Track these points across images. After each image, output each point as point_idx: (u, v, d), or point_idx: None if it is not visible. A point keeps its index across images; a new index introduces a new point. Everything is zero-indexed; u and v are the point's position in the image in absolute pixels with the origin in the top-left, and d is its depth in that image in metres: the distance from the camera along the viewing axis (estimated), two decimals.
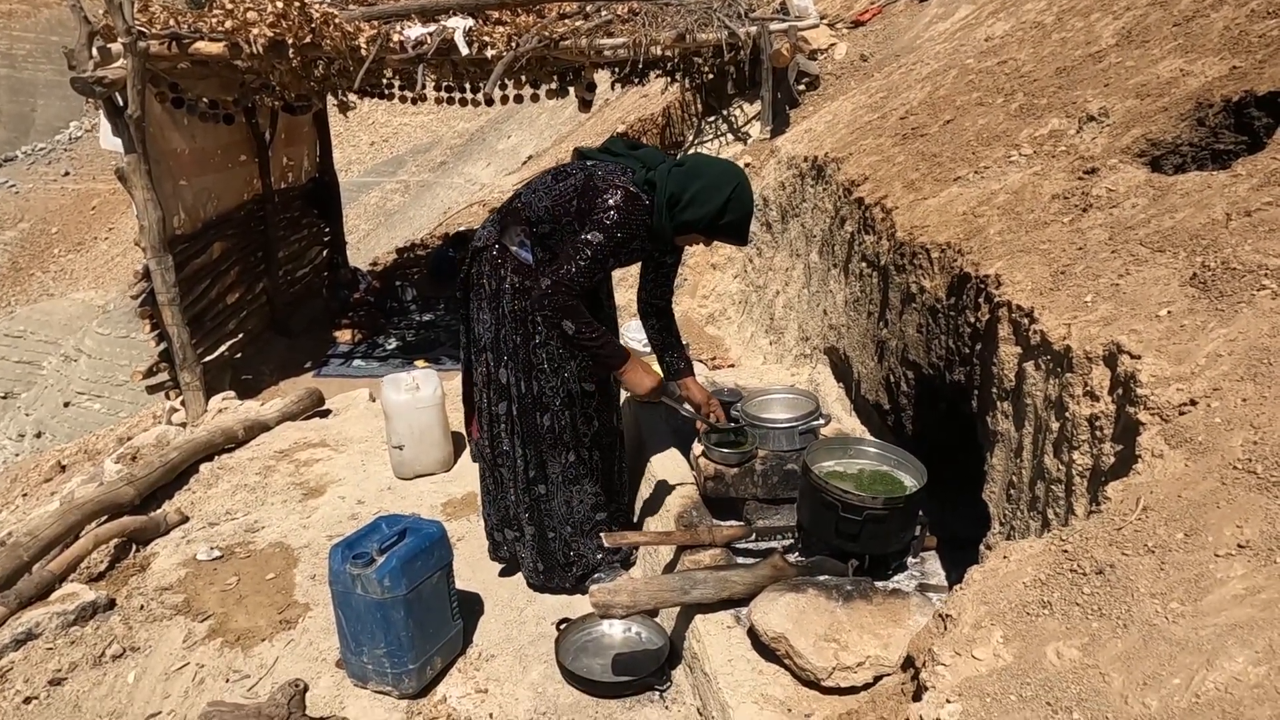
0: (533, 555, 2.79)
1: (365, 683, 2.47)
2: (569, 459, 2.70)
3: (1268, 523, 1.14)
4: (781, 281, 4.37)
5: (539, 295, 2.33)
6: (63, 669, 2.67)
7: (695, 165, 2.39)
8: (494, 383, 2.62)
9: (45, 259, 27.86)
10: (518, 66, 5.35)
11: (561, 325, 2.32)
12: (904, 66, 4.75)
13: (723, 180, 2.33)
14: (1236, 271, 1.59)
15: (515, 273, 2.51)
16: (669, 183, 2.34)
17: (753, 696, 1.98)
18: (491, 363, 2.61)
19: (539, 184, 2.51)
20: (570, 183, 2.43)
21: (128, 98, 4.86)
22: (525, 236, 2.50)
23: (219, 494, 3.83)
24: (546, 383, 2.61)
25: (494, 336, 2.58)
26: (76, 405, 16.48)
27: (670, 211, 2.35)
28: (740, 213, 2.35)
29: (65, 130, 33.44)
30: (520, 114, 21.80)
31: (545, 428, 2.64)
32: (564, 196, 2.42)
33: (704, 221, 2.35)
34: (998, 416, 2.05)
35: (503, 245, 2.53)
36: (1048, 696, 1.10)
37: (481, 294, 2.58)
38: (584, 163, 2.50)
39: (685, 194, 2.33)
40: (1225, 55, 2.40)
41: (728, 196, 2.31)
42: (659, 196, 2.34)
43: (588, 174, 2.42)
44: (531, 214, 2.48)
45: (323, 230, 8.62)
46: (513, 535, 2.80)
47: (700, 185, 2.33)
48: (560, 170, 2.50)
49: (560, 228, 2.45)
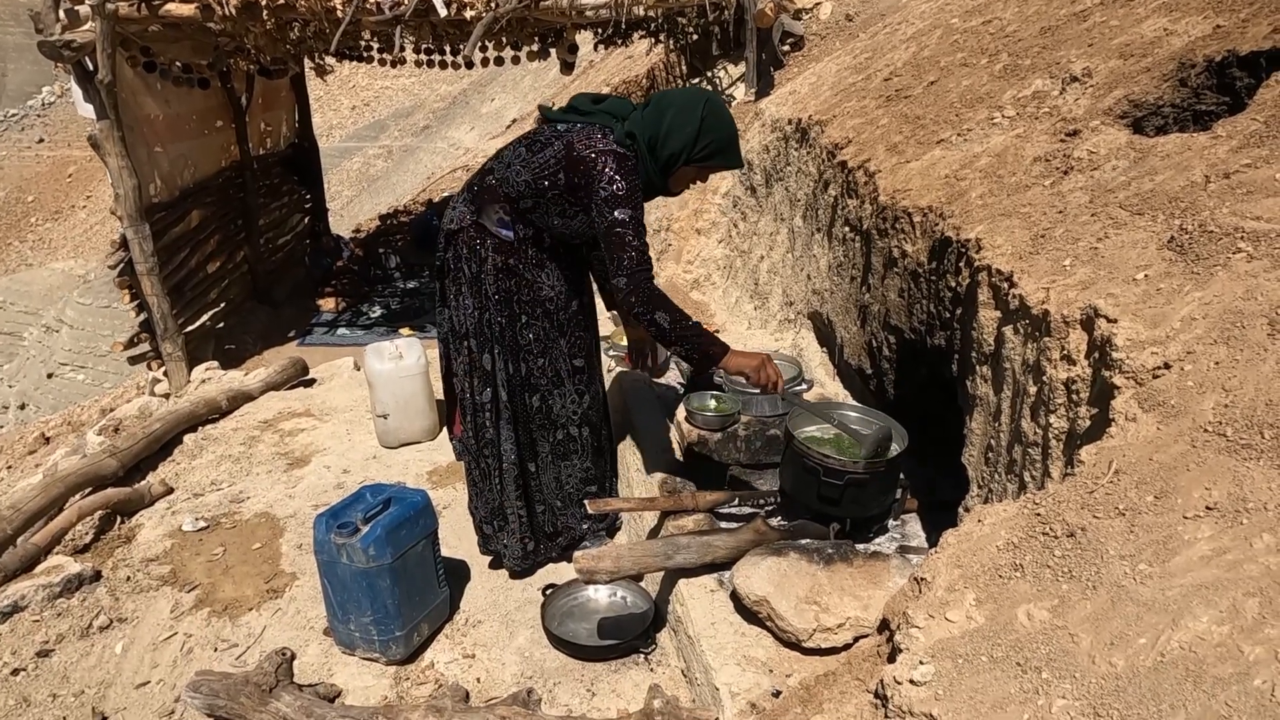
0: (520, 538, 2.71)
1: (353, 650, 2.50)
2: (558, 436, 2.68)
3: (1235, 485, 1.16)
4: (766, 246, 4.35)
5: (620, 298, 2.23)
6: (50, 641, 2.69)
7: (660, 100, 2.30)
8: (477, 369, 2.54)
9: (22, 228, 27.38)
10: (497, 28, 5.23)
11: (655, 318, 2.20)
12: (889, 26, 4.69)
13: (691, 103, 2.26)
14: (1213, 234, 1.60)
15: (497, 252, 2.43)
16: (644, 128, 2.26)
17: (735, 658, 2.01)
18: (474, 348, 2.52)
19: (511, 157, 2.38)
20: (549, 153, 2.30)
21: (98, 62, 4.74)
22: (505, 214, 2.41)
23: (203, 465, 3.82)
24: (534, 363, 2.56)
25: (477, 321, 2.49)
26: (59, 376, 16.34)
27: (653, 155, 2.28)
28: (720, 131, 2.27)
29: (38, 96, 32.66)
30: (504, 77, 21.46)
31: (535, 409, 2.61)
32: (545, 168, 2.30)
33: (685, 150, 2.26)
34: (977, 380, 2.06)
35: (480, 225, 2.44)
36: (1018, 657, 1.12)
37: (461, 278, 2.48)
38: (555, 128, 2.36)
39: (660, 130, 2.25)
40: (1209, 14, 2.37)
41: (701, 116, 2.24)
42: (640, 146, 2.26)
43: (565, 142, 2.29)
44: (510, 190, 2.37)
45: (304, 197, 8.51)
46: (499, 526, 2.72)
47: (671, 115, 2.25)
48: (532, 140, 2.37)
49: (545, 201, 2.35)
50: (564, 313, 2.56)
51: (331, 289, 7.79)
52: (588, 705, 2.27)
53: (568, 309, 2.57)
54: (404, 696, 2.36)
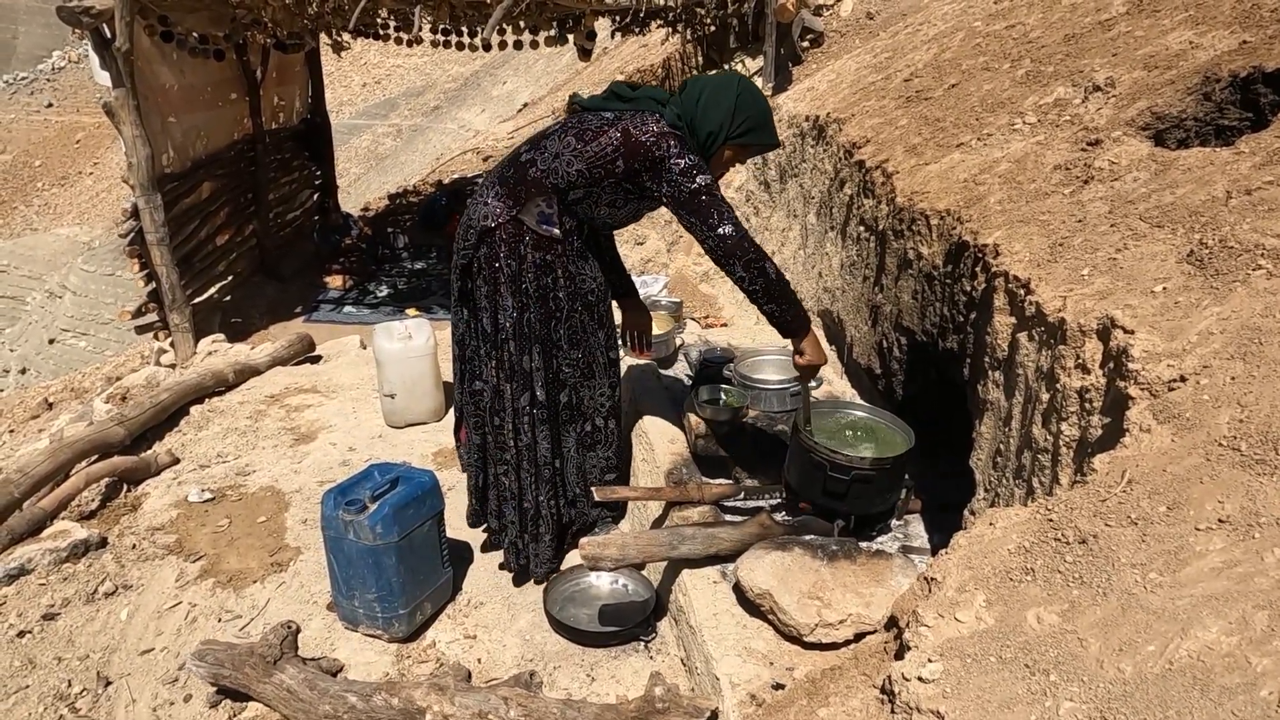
0: (551, 541, 2.66)
1: (356, 626, 2.52)
2: (585, 428, 2.65)
3: (1248, 499, 1.17)
4: (778, 242, 4.36)
5: (732, 244, 2.21)
6: (56, 604, 2.71)
7: (693, 83, 2.35)
8: (518, 373, 2.46)
9: (28, 192, 27.32)
10: (517, 11, 5.23)
11: (765, 267, 2.23)
12: (910, 26, 4.68)
13: (724, 84, 2.32)
14: (1233, 250, 1.61)
15: (536, 249, 2.37)
16: (684, 110, 2.31)
17: (736, 649, 2.03)
18: (514, 351, 2.44)
19: (559, 148, 2.32)
20: (604, 141, 2.27)
21: (115, 29, 4.73)
22: (549, 206, 2.34)
23: (209, 436, 3.84)
24: (564, 359, 2.52)
25: (517, 321, 2.41)
26: (61, 342, 16.34)
27: (694, 136, 2.32)
28: (755, 108, 2.32)
29: (48, 60, 32.50)
30: (516, 60, 21.36)
31: (563, 404, 2.58)
32: (602, 157, 2.27)
33: (723, 127, 2.31)
34: (988, 385, 2.07)
35: (518, 220, 2.35)
36: (1026, 659, 1.13)
37: (499, 277, 2.38)
38: (602, 116, 2.33)
39: (697, 109, 2.30)
40: (1236, 29, 2.38)
41: (736, 94, 2.30)
42: (684, 129, 2.30)
43: (621, 129, 2.26)
44: (559, 180, 2.31)
45: (313, 173, 8.49)
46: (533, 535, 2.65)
47: (707, 94, 2.31)
48: (581, 129, 2.31)
49: (598, 189, 2.32)
50: (603, 304, 2.57)
51: (339, 266, 7.79)
52: (587, 690, 2.29)
53: (605, 300, 2.59)
54: (405, 674, 2.39)
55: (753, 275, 2.24)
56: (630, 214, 2.45)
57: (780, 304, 2.28)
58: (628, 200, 2.38)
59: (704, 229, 2.24)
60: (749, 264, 2.23)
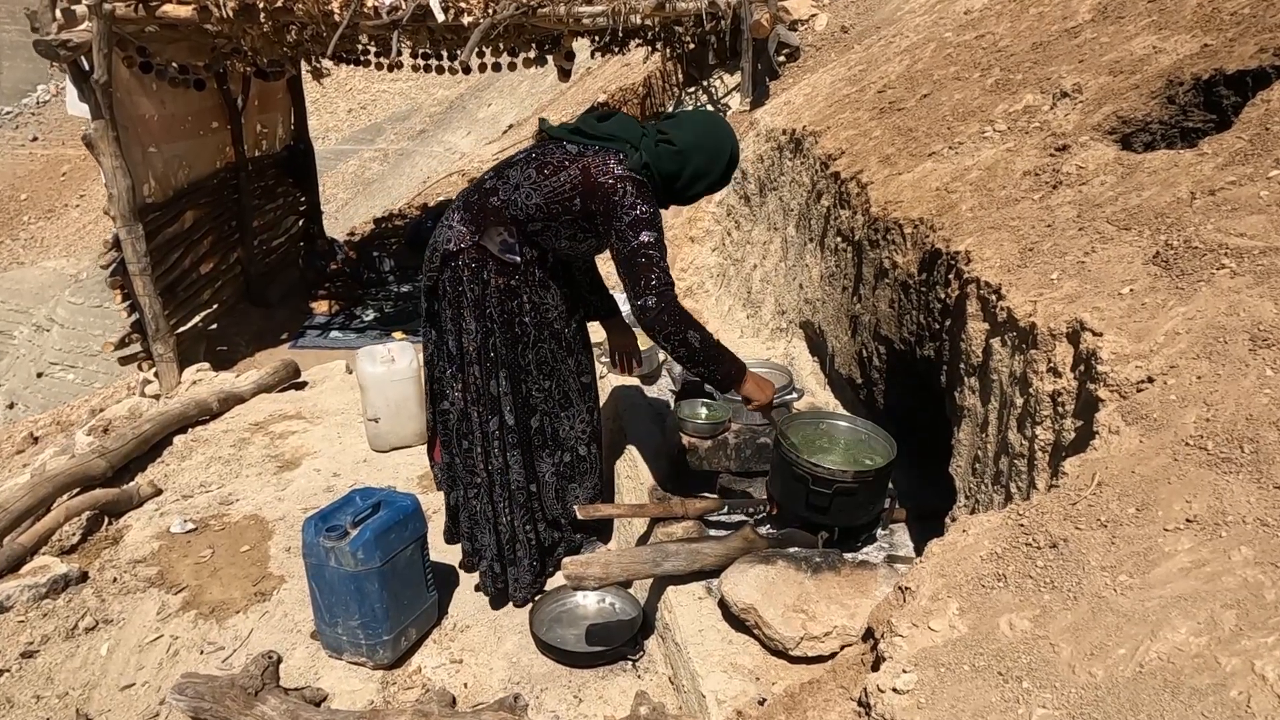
0: (529, 566, 2.65)
1: (340, 654, 2.49)
2: (566, 459, 2.64)
3: (1215, 498, 1.17)
4: (759, 255, 4.37)
5: (651, 318, 2.19)
6: (35, 641, 2.67)
7: (683, 140, 2.28)
8: (484, 397, 2.45)
9: (15, 226, 27.25)
10: (495, 34, 5.26)
11: (687, 337, 2.21)
12: (883, 39, 4.73)
13: (719, 146, 2.33)
14: (1198, 250, 1.62)
15: (499, 274, 2.36)
16: (662, 164, 2.28)
17: (722, 665, 2.02)
18: (479, 375, 2.43)
19: (519, 179, 2.32)
20: (563, 178, 2.26)
21: (94, 61, 4.74)
22: (510, 236, 2.34)
23: (193, 466, 3.81)
24: (535, 386, 2.51)
25: (480, 345, 2.41)
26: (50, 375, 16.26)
27: (671, 189, 2.33)
28: (736, 162, 2.39)
29: (32, 94, 32.54)
30: (501, 82, 21.48)
31: (534, 429, 2.56)
32: (560, 194, 2.26)
33: (710, 188, 2.39)
34: (965, 392, 2.07)
35: (481, 247, 2.35)
36: (999, 666, 1.13)
37: (462, 301, 2.38)
38: (566, 149, 2.31)
39: (684, 173, 2.30)
40: (1197, 33, 2.40)
41: (729, 158, 2.34)
42: (654, 176, 2.28)
43: (581, 167, 2.25)
44: (519, 212, 2.31)
45: (298, 199, 8.51)
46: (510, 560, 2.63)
47: (699, 161, 2.30)
48: (542, 162, 2.30)
49: (555, 224, 2.31)
50: (569, 331, 2.55)
51: (325, 291, 7.78)
52: (575, 711, 2.27)
53: (571, 327, 2.56)
54: (390, 701, 2.36)
55: (674, 345, 2.24)
56: (592, 249, 2.42)
57: (709, 366, 2.29)
58: (586, 237, 2.36)
59: (631, 292, 2.23)
60: (669, 336, 2.22)
